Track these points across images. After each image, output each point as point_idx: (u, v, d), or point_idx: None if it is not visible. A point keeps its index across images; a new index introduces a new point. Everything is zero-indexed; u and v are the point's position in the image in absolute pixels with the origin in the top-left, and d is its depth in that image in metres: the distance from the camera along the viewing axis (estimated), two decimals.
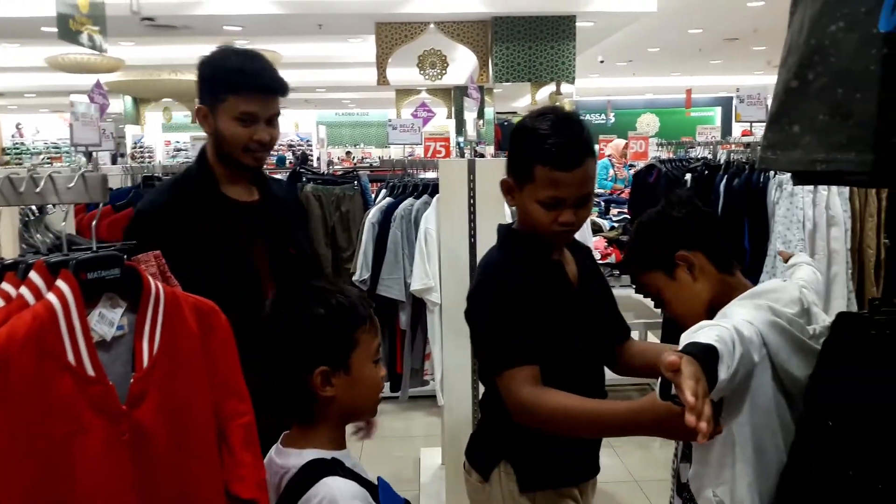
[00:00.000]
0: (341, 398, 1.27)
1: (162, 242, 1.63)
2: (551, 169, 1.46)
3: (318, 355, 1.25)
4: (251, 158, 1.85)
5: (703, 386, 0.94)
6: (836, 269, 2.85)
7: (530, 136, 1.50)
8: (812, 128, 1.10)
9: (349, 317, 1.28)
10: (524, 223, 1.59)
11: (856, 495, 1.01)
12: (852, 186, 2.70)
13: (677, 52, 12.71)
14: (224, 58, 1.83)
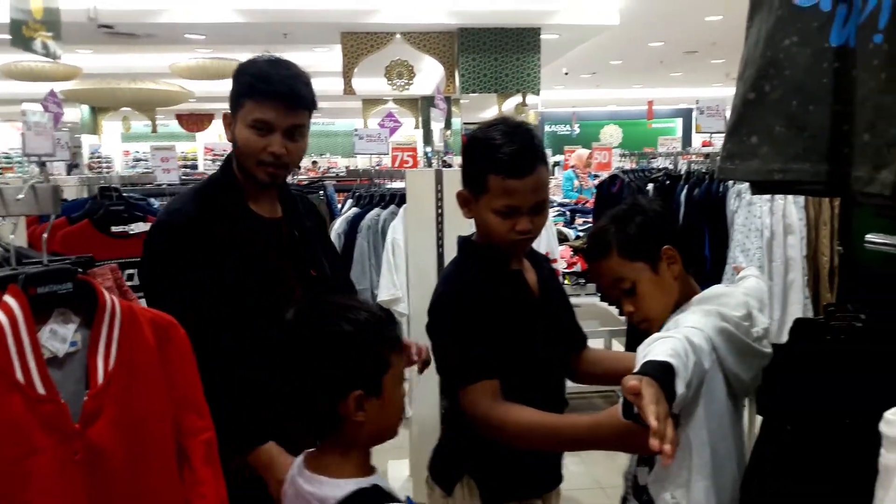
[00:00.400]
0: (371, 422, 1.17)
1: (189, 255, 1.59)
2: (504, 178, 1.46)
3: (354, 378, 1.15)
4: (264, 173, 1.66)
5: (664, 407, 0.95)
6: (792, 275, 2.91)
7: (481, 146, 1.50)
8: (769, 139, 1.13)
9: (382, 337, 1.18)
10: (482, 234, 1.59)
11: (810, 495, 1.03)
12: (808, 195, 2.76)
13: (639, 65, 12.91)
14: (252, 63, 1.69)
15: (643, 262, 1.45)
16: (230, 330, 1.56)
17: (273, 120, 1.63)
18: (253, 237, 1.69)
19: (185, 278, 1.58)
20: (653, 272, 1.45)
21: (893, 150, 0.95)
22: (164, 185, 6.16)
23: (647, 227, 1.46)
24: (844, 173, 1.07)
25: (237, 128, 1.67)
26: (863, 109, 1.01)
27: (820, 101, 1.09)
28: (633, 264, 1.45)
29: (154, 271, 1.65)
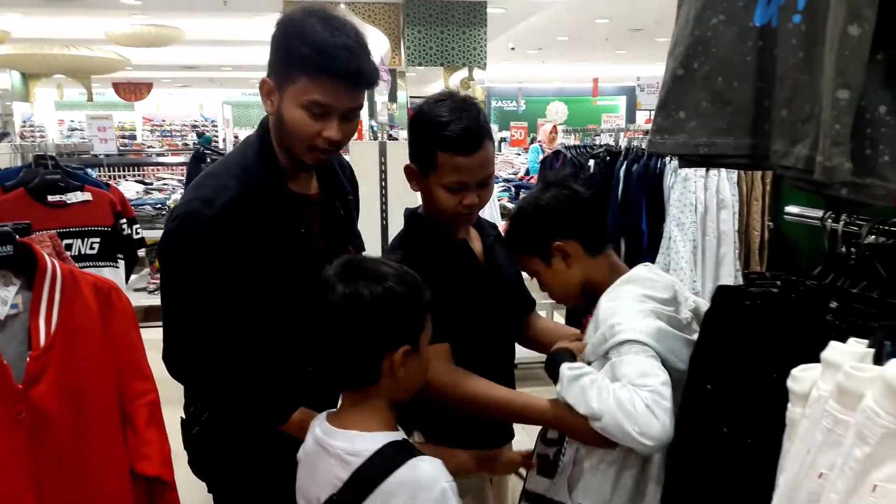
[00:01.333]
0: (406, 378, 1.23)
1: (229, 244, 1.41)
2: (453, 155, 1.48)
3: (405, 334, 1.21)
4: (313, 158, 1.48)
5: None
6: (724, 249, 3.04)
7: (429, 123, 1.51)
8: (696, 114, 1.18)
9: (423, 296, 1.25)
10: (429, 207, 1.62)
11: (728, 449, 1.10)
12: (733, 169, 2.87)
13: (585, 42, 13.04)
14: (305, 23, 1.39)
15: (534, 257, 1.56)
16: (271, 311, 1.48)
17: (333, 103, 1.41)
18: (293, 220, 1.54)
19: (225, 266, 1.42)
20: (546, 265, 1.56)
21: (808, 125, 1.01)
22: (102, 156, 6.01)
23: (534, 224, 1.56)
24: (765, 147, 1.13)
25: (285, 105, 1.43)
26: (781, 87, 1.07)
27: (744, 78, 1.14)
28: (527, 259, 1.59)
29: (190, 262, 1.41)
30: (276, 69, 1.44)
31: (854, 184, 0.97)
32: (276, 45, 1.44)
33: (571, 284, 1.55)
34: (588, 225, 1.56)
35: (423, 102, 1.61)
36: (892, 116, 0.95)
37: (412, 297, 1.22)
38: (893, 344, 0.90)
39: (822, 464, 0.90)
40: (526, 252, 1.59)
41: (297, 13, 1.42)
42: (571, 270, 1.54)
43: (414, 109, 1.64)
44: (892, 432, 0.79)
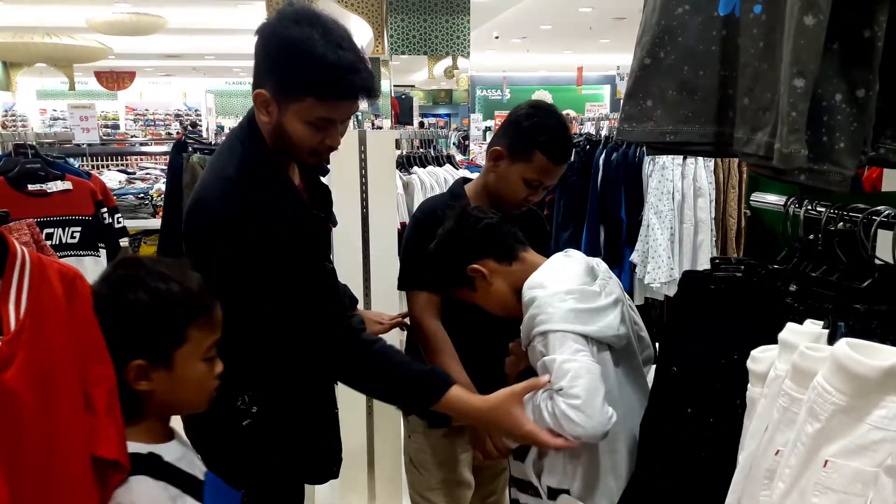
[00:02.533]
0: (161, 394, 1.17)
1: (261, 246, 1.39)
2: (549, 159, 1.74)
3: (135, 347, 1.14)
4: (316, 160, 1.53)
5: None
6: (701, 236, 3.08)
7: (538, 125, 1.76)
8: (663, 102, 1.21)
9: (179, 309, 1.15)
10: (499, 187, 1.83)
11: (693, 428, 1.14)
12: (698, 156, 2.90)
13: (569, 30, 13.04)
14: (306, 42, 1.36)
15: (459, 287, 1.61)
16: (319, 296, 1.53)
17: (339, 117, 1.45)
18: (300, 209, 1.54)
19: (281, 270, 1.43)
20: (471, 290, 1.60)
21: (768, 113, 1.04)
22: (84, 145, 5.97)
23: (441, 261, 1.61)
24: (729, 135, 1.15)
25: (288, 119, 1.42)
26: (743, 75, 1.09)
27: (709, 66, 1.17)
28: (456, 291, 1.64)
29: (248, 275, 1.41)
30: (275, 84, 1.42)
31: (811, 170, 1.00)
32: (274, 61, 1.42)
33: (502, 297, 1.57)
34: (489, 240, 1.58)
35: (530, 104, 1.86)
36: (848, 104, 0.98)
37: (155, 307, 1.14)
38: (847, 324, 0.93)
39: (779, 441, 0.93)
40: (450, 286, 1.64)
41: (290, 23, 1.38)
42: (496, 286, 1.57)
43: (520, 108, 1.85)
44: (842, 409, 0.83)
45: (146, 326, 1.14)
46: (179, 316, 1.15)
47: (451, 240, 1.61)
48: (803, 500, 0.86)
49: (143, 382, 1.15)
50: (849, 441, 0.82)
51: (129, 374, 1.13)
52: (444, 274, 1.63)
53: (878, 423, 0.81)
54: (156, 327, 1.14)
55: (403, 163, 3.71)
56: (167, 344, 1.15)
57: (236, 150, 1.50)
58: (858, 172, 3.23)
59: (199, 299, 1.17)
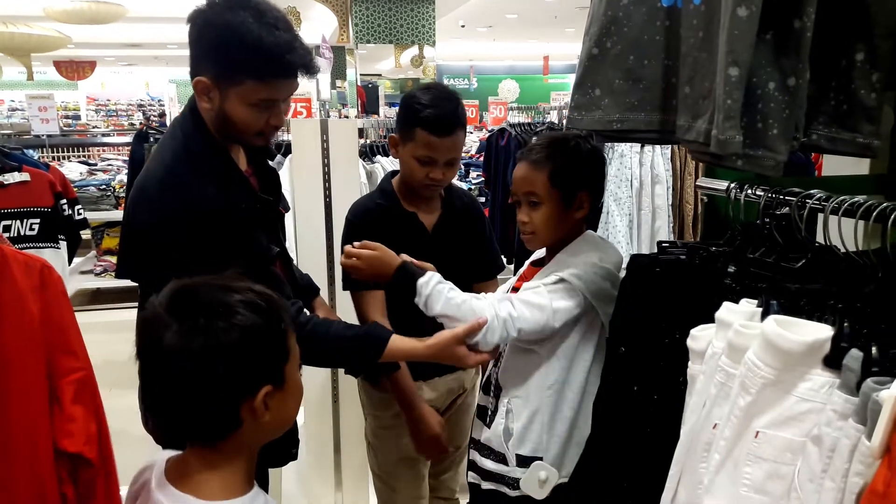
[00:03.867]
0: (270, 423, 1.00)
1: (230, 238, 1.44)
2: (429, 133, 1.75)
3: (263, 374, 0.98)
4: (263, 141, 1.56)
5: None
6: (659, 223, 3.14)
7: (416, 104, 1.77)
8: (610, 91, 1.24)
9: (281, 318, 1.01)
10: (403, 173, 1.88)
11: (638, 404, 1.18)
12: (645, 143, 2.96)
13: (535, 19, 13.09)
14: (240, 25, 1.38)
15: (559, 194, 1.54)
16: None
17: (281, 97, 1.48)
18: (249, 192, 1.57)
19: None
20: (561, 206, 1.54)
21: (707, 101, 1.08)
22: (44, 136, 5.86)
23: (580, 166, 1.56)
24: (672, 122, 1.19)
25: (230, 103, 1.44)
26: (684, 64, 1.13)
27: (653, 56, 1.21)
28: (552, 190, 1.54)
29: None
30: (214, 70, 1.43)
31: (747, 155, 1.04)
32: (211, 48, 1.43)
33: (559, 234, 1.57)
34: (600, 177, 1.64)
35: (415, 88, 1.89)
36: (781, 92, 1.02)
37: (269, 327, 0.98)
38: (779, 303, 0.97)
39: (716, 415, 0.97)
40: (556, 184, 1.54)
41: (221, 9, 1.40)
42: (567, 222, 1.56)
43: (406, 92, 1.89)
44: (770, 382, 0.87)
45: (265, 348, 0.98)
46: (280, 327, 1.00)
47: (600, 160, 1.62)
48: (737, 470, 0.91)
49: (267, 413, 0.98)
50: (777, 413, 0.87)
51: (258, 408, 0.97)
52: (569, 174, 1.54)
53: (804, 394, 0.85)
54: (272, 346, 0.99)
55: (367, 152, 3.71)
56: (281, 360, 1.01)
57: (177, 138, 1.53)
58: (812, 159, 3.33)
59: (283, 305, 1.03)
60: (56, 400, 1.06)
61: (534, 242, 1.61)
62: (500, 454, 1.56)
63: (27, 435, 1.02)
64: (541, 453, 1.51)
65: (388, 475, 2.03)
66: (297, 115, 5.39)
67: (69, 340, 1.11)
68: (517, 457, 1.52)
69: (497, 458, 1.56)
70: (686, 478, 1.02)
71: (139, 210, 1.47)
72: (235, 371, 0.94)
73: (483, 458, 1.60)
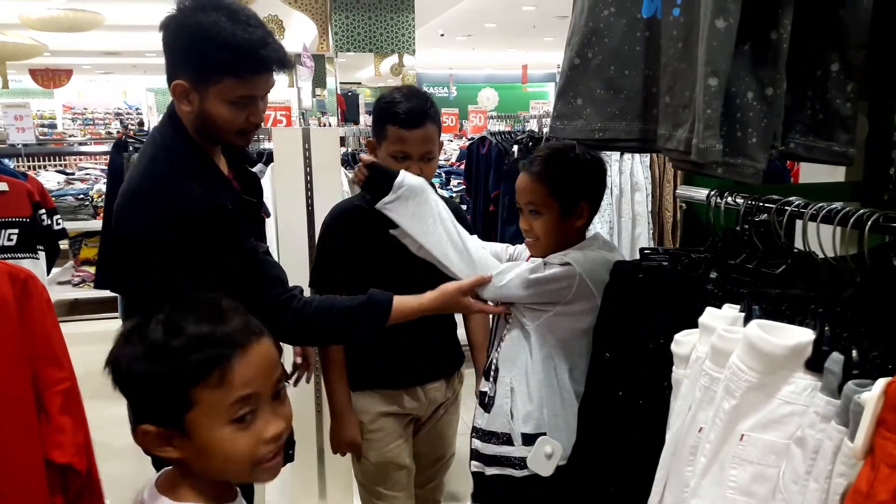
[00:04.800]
0: (192, 461, 0.97)
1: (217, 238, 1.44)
2: (399, 128, 1.78)
3: (144, 411, 0.96)
4: (244, 140, 1.59)
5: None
6: (639, 230, 3.18)
7: (385, 103, 1.83)
8: (591, 100, 1.26)
9: (182, 368, 0.93)
10: None
11: (623, 409, 1.19)
12: (626, 152, 2.99)
13: (513, 28, 13.17)
14: (213, 25, 1.42)
15: (558, 203, 1.58)
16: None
17: (258, 93, 1.51)
18: (234, 196, 1.58)
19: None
20: (560, 216, 1.59)
21: (687, 111, 1.09)
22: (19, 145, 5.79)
23: (579, 177, 1.60)
24: (653, 131, 1.21)
25: (210, 103, 1.47)
26: (665, 74, 1.15)
27: (634, 66, 1.22)
28: (550, 199, 1.58)
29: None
30: (191, 72, 1.47)
31: (727, 164, 1.06)
32: (187, 49, 1.46)
33: (560, 242, 1.60)
34: (597, 198, 1.67)
35: (385, 91, 1.92)
36: (759, 102, 1.04)
37: (155, 370, 0.93)
38: (761, 308, 0.99)
39: (701, 419, 0.99)
40: (554, 194, 1.58)
41: (192, 12, 1.44)
42: (568, 231, 1.61)
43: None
44: (754, 386, 0.89)
45: (150, 389, 0.94)
46: (182, 375, 0.93)
47: (601, 169, 1.65)
48: (722, 473, 0.92)
49: (167, 448, 0.96)
50: (762, 416, 0.89)
51: (138, 440, 0.96)
52: (568, 183, 1.58)
53: (787, 397, 0.87)
54: (155, 387, 0.94)
55: (349, 160, 3.71)
56: (175, 407, 0.94)
57: (158, 143, 1.55)
58: (788, 166, 3.37)
59: (207, 352, 0.94)
60: (43, 410, 1.06)
61: (536, 248, 1.65)
62: (503, 436, 1.57)
63: (17, 446, 1.01)
64: (544, 429, 1.54)
65: (372, 483, 2.02)
66: (277, 123, 5.38)
67: (55, 351, 1.10)
68: (522, 436, 1.54)
69: (500, 440, 1.57)
70: (672, 481, 1.03)
71: (125, 216, 1.48)
72: (129, 394, 0.96)
73: (486, 443, 1.60)
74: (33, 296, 1.10)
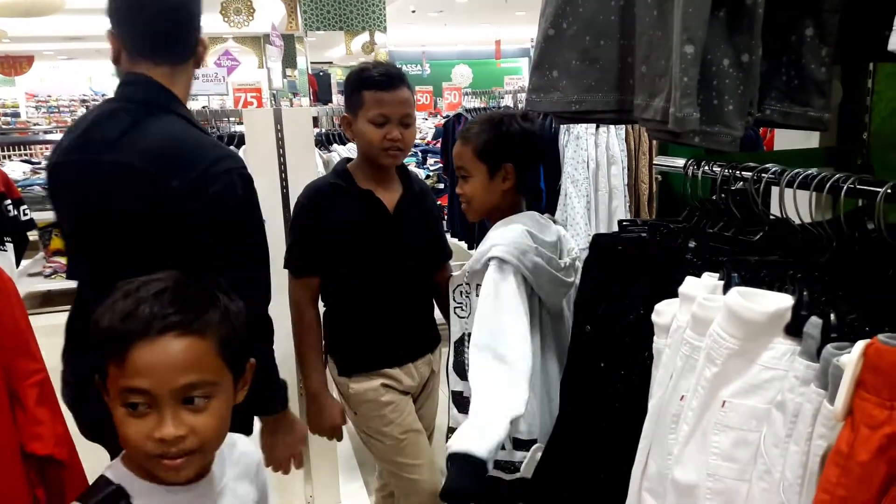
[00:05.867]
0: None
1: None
2: (375, 91, 1.79)
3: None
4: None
5: None
6: (616, 202, 3.19)
7: (357, 73, 1.85)
8: (567, 72, 1.25)
9: (106, 335, 0.93)
10: (361, 149, 1.89)
11: (605, 381, 1.20)
12: (603, 124, 3.00)
13: (485, 3, 13.07)
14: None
15: (485, 166, 1.66)
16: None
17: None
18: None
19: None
20: (488, 177, 1.67)
21: (663, 80, 1.09)
22: None
23: (504, 140, 1.66)
24: (630, 102, 1.21)
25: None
26: (640, 44, 1.14)
27: (609, 36, 1.21)
28: (478, 163, 1.67)
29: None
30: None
31: (704, 132, 1.05)
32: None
33: (489, 203, 1.68)
34: (535, 164, 1.73)
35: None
36: (735, 69, 1.04)
37: (102, 323, 0.94)
38: (740, 275, 1.00)
39: (682, 387, 0.99)
40: (481, 157, 1.67)
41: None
42: (496, 193, 1.67)
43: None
44: (735, 352, 0.89)
45: (94, 341, 0.95)
46: (103, 342, 0.93)
47: (523, 131, 1.68)
48: (705, 440, 0.93)
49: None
50: (743, 381, 0.89)
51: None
52: (490, 145, 1.66)
53: (768, 363, 0.87)
54: (95, 344, 0.95)
55: (323, 140, 3.67)
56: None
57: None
58: (761, 134, 3.39)
59: (121, 330, 0.92)
60: (19, 403, 1.04)
61: (470, 213, 1.73)
62: None
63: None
64: (535, 435, 1.56)
65: (395, 455, 1.97)
66: (248, 104, 5.30)
67: (26, 342, 1.08)
68: (514, 440, 1.55)
69: None
70: (655, 449, 1.04)
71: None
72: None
73: None
74: (1, 291, 1.07)
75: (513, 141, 1.66)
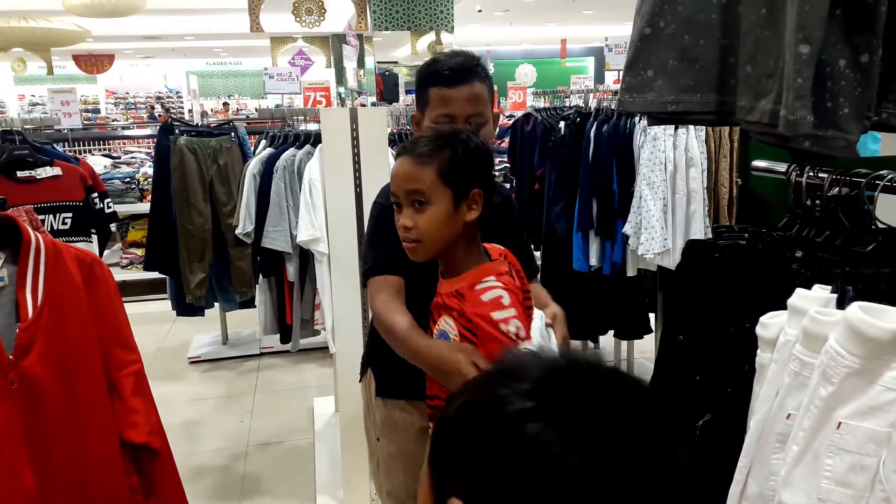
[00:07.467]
0: None
1: None
2: (440, 87, 1.62)
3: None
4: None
5: None
6: (694, 206, 3.09)
7: (426, 66, 1.70)
8: (663, 72, 1.20)
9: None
10: None
11: (701, 395, 1.15)
12: (700, 125, 2.91)
13: (552, 2, 12.95)
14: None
15: (450, 191, 1.34)
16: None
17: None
18: None
19: None
20: (452, 206, 1.34)
21: (771, 80, 1.04)
22: (66, 130, 5.89)
23: (472, 160, 1.36)
24: (731, 103, 1.16)
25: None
26: (746, 43, 1.09)
27: (709, 35, 1.17)
28: (441, 187, 1.33)
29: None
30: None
31: (816, 136, 1.00)
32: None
33: (448, 237, 1.36)
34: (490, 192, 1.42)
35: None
36: (852, 70, 0.98)
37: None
38: (855, 289, 0.94)
39: (790, 405, 0.94)
40: (446, 180, 1.34)
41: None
42: (458, 226, 1.36)
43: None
44: (855, 371, 0.84)
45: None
46: None
47: (487, 153, 1.41)
48: (817, 462, 0.88)
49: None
50: (861, 402, 0.84)
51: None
52: (460, 169, 1.34)
53: (890, 383, 0.82)
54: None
55: (395, 140, 3.69)
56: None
57: None
58: None
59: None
60: (116, 392, 1.06)
61: (419, 251, 1.37)
62: None
63: (93, 427, 1.02)
64: None
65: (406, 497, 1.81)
66: (317, 104, 5.37)
67: (124, 333, 1.11)
68: None
69: None
70: (756, 469, 0.99)
71: None
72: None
73: None
74: (101, 280, 1.10)
75: (481, 161, 1.38)
